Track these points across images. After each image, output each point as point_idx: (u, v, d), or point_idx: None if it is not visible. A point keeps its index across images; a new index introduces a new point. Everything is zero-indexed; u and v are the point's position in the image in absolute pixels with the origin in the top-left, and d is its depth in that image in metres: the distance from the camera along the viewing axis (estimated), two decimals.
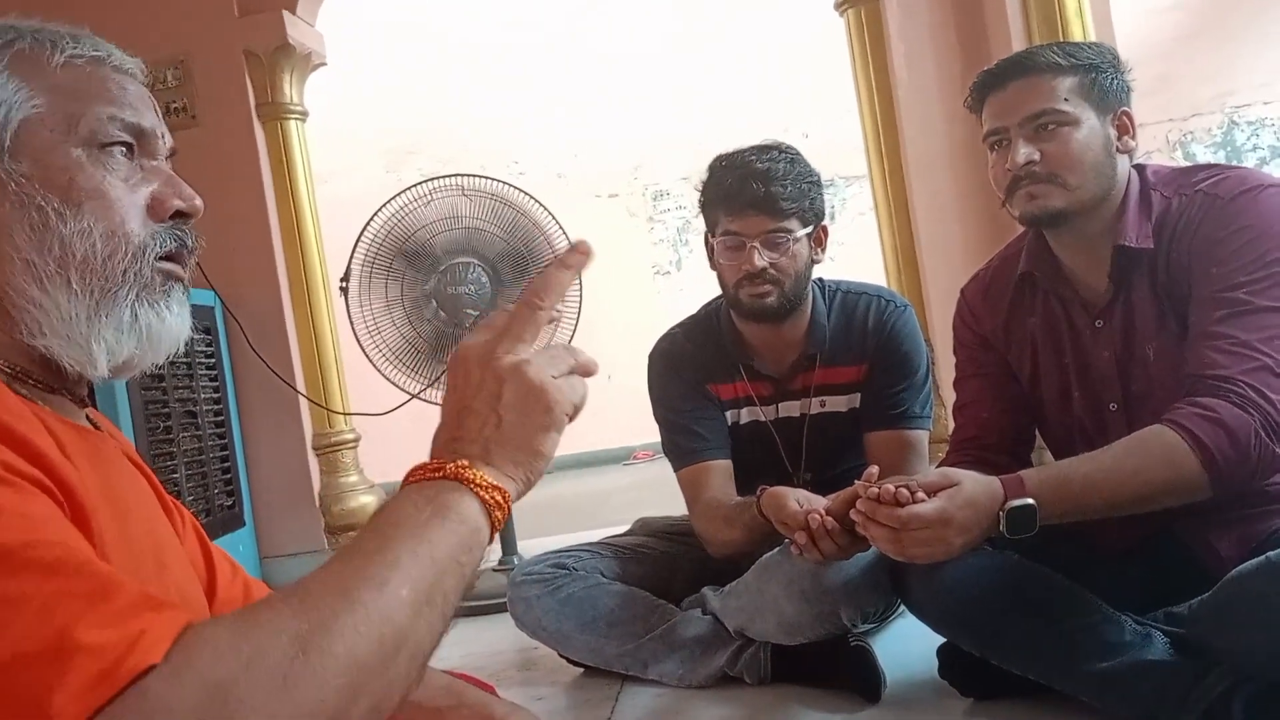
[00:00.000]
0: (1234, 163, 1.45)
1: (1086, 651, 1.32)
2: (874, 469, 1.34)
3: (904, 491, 1.21)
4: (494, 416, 0.65)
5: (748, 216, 1.67)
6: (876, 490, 1.23)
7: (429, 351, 2.60)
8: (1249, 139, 6.34)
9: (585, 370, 0.69)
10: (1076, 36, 2.53)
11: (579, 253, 0.72)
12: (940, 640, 1.48)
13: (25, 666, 0.48)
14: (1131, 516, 1.29)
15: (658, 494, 4.43)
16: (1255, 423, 1.18)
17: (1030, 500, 1.22)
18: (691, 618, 1.74)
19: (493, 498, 0.63)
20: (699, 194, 1.77)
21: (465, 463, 0.63)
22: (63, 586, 0.50)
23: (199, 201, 0.76)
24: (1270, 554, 1.18)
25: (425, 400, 2.62)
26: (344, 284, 2.56)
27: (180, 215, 0.75)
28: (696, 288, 6.24)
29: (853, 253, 5.13)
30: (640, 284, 6.31)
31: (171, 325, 0.74)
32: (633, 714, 1.63)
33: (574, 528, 3.66)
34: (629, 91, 6.23)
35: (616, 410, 5.88)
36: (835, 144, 5.62)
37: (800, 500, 1.43)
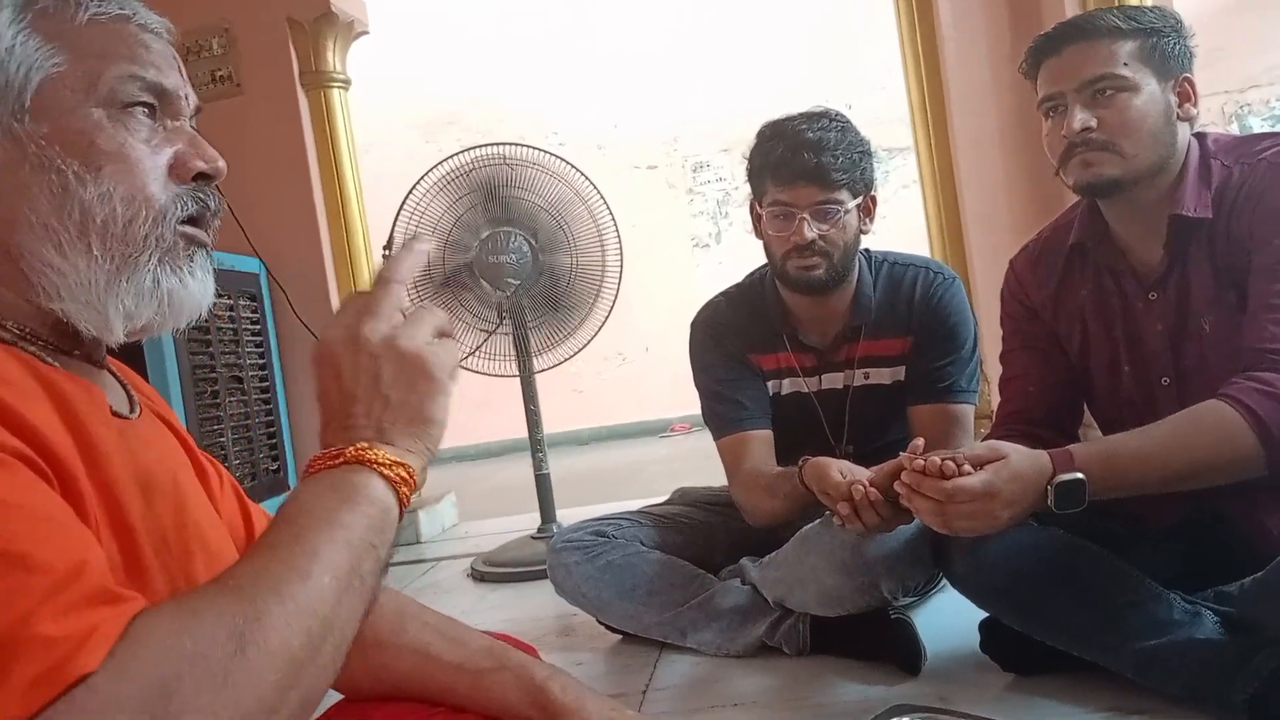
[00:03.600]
0: None
1: (1133, 629, 1.30)
2: (919, 441, 1.33)
3: (950, 464, 1.20)
4: (380, 397, 0.65)
5: (798, 187, 1.64)
6: (922, 462, 1.22)
7: (467, 314, 2.61)
8: None
9: (447, 330, 0.69)
10: (1132, 0, 2.46)
11: (423, 244, 0.73)
12: (982, 615, 1.47)
13: None
14: (1180, 493, 1.27)
15: (695, 466, 4.43)
16: None
17: (1079, 475, 1.20)
18: (730, 587, 1.74)
19: (397, 474, 0.63)
20: (746, 161, 1.75)
21: (364, 444, 0.63)
22: (18, 582, 0.50)
23: (222, 163, 0.74)
24: None
25: (466, 368, 2.64)
26: (386, 252, 2.58)
27: (203, 177, 0.73)
28: (735, 260, 6.20)
29: (896, 226, 5.04)
30: (679, 256, 6.28)
31: (194, 291, 0.73)
32: (670, 681, 1.64)
33: (611, 498, 3.68)
34: (669, 62, 6.18)
35: (654, 382, 5.92)
36: (879, 115, 5.52)
37: (843, 471, 1.42)
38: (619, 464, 5.24)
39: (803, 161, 1.63)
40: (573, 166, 2.56)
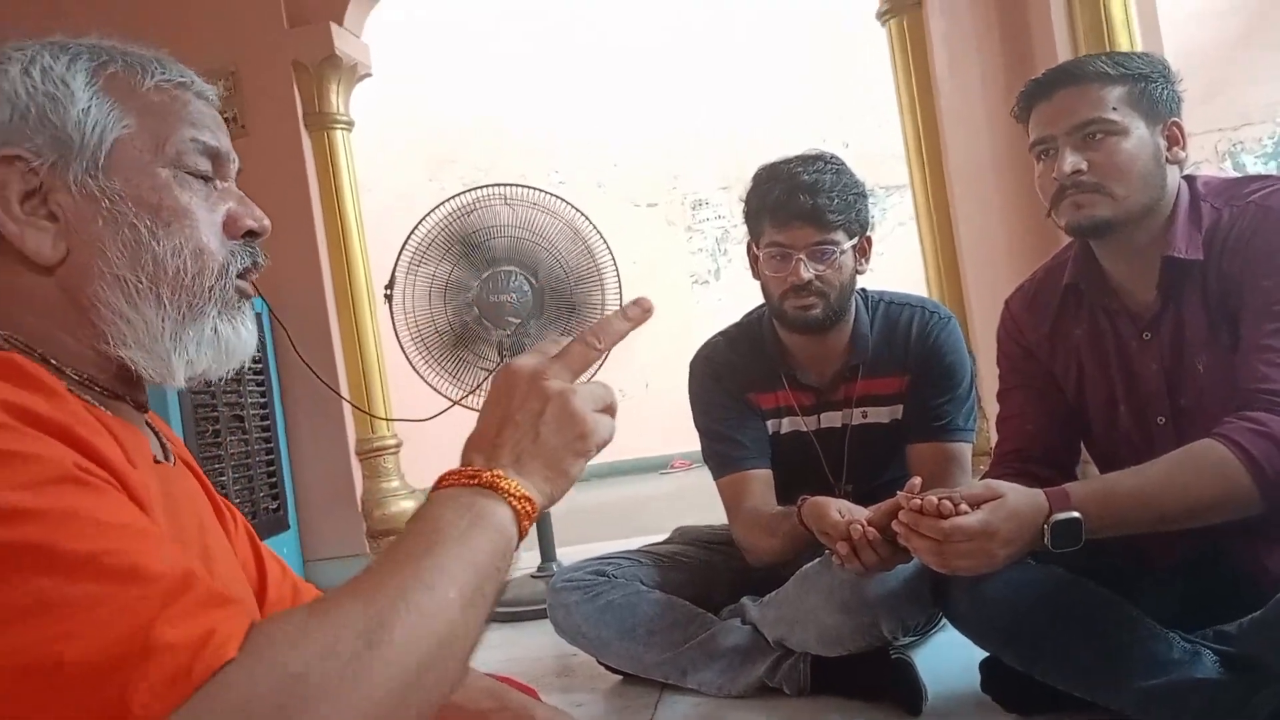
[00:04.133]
0: (1274, 174, 1.43)
1: (1133, 668, 1.30)
2: (916, 480, 1.34)
3: (947, 503, 1.21)
4: (533, 431, 0.68)
5: (794, 228, 1.67)
6: (919, 501, 1.23)
7: (467, 348, 2.63)
8: None
9: (611, 409, 0.73)
10: (1124, 44, 2.49)
11: (641, 308, 0.76)
12: (982, 654, 1.47)
13: (104, 668, 0.50)
14: (1178, 531, 1.27)
15: (695, 502, 4.42)
16: None
17: (1076, 514, 1.20)
18: (731, 627, 1.74)
19: (523, 507, 0.66)
20: (743, 204, 1.78)
21: (500, 473, 0.66)
22: (137, 591, 0.52)
23: (268, 221, 0.80)
24: None
25: (466, 407, 2.65)
26: (388, 292, 2.60)
27: (251, 234, 0.78)
28: (735, 297, 6.24)
29: (893, 263, 5.08)
30: (678, 293, 6.30)
31: (246, 339, 0.78)
32: None
33: (612, 535, 3.66)
34: (668, 101, 6.25)
35: (653, 418, 5.90)
36: (875, 153, 5.59)
37: (842, 510, 1.42)
38: (619, 500, 5.23)
39: (799, 203, 1.65)
40: (571, 205, 2.59)
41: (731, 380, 1.83)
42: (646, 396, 6.11)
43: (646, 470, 6.07)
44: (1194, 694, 1.25)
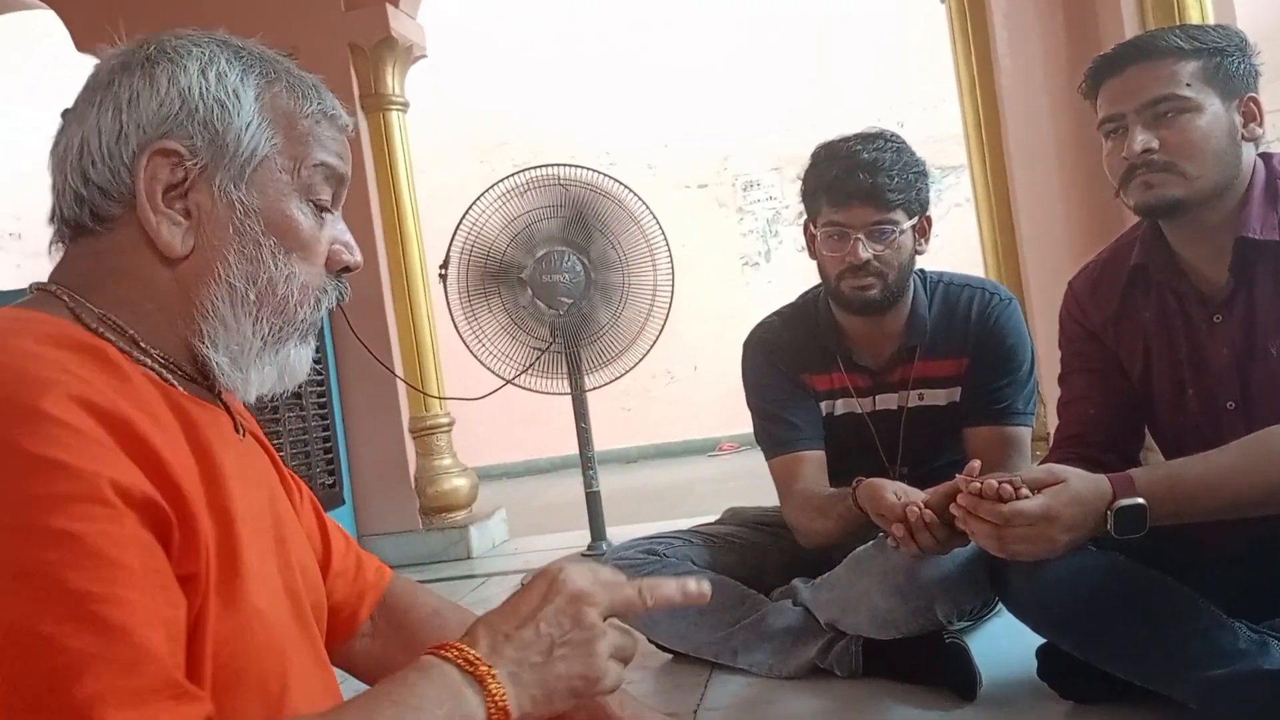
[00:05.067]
0: None
1: (1197, 658, 1.27)
2: (975, 463, 1.32)
3: (1007, 487, 1.19)
4: (548, 650, 0.68)
5: (853, 207, 1.65)
6: (979, 485, 1.21)
7: (519, 327, 2.65)
8: None
9: (628, 657, 0.73)
10: (1194, 19, 2.42)
11: (699, 591, 0.76)
12: (1039, 640, 1.44)
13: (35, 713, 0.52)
14: (1244, 519, 1.24)
15: (745, 485, 4.40)
16: None
17: (1140, 500, 1.18)
18: (782, 608, 1.74)
19: (498, 716, 0.65)
20: (800, 182, 1.76)
21: (495, 673, 0.66)
22: (103, 651, 0.54)
23: (361, 258, 0.82)
24: None
25: (518, 385, 2.67)
26: (443, 271, 2.63)
27: (346, 269, 0.81)
28: (785, 279, 6.20)
29: (949, 244, 5.01)
30: (728, 275, 6.29)
31: (306, 364, 0.81)
32: (722, 702, 1.63)
33: (660, 517, 3.68)
34: (720, 81, 6.21)
35: (702, 401, 5.92)
36: (931, 134, 5.49)
37: (898, 492, 1.41)
38: (668, 483, 5.25)
39: (858, 182, 1.63)
40: (626, 187, 2.59)
41: (786, 361, 1.82)
42: (695, 379, 6.12)
43: (694, 453, 6.07)
44: (1261, 685, 1.22)
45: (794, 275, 6.42)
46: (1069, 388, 1.55)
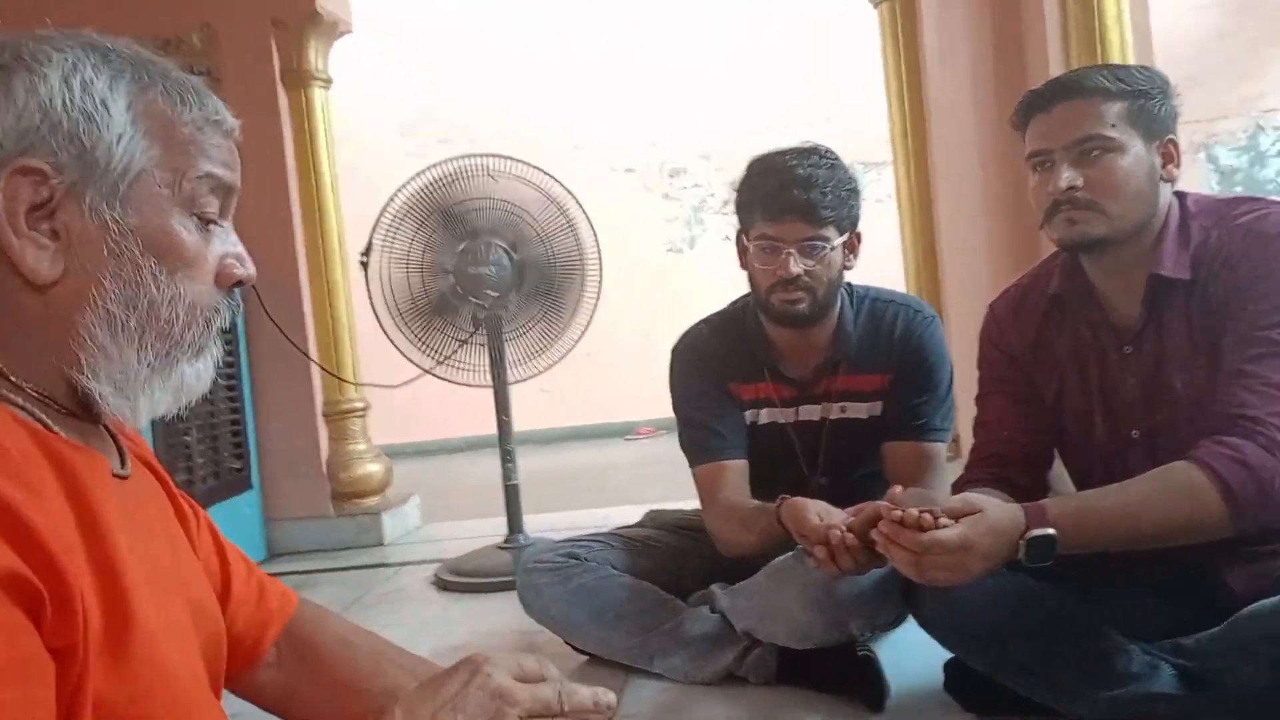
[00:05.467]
0: (1264, 196, 1.45)
1: (1095, 678, 1.33)
2: (898, 489, 1.35)
3: (927, 517, 1.21)
4: None
5: (785, 222, 1.66)
6: (900, 513, 1.23)
7: (441, 317, 2.60)
8: (1274, 144, 6.27)
9: None
10: (1114, 39, 2.49)
11: (609, 708, 0.77)
12: (947, 654, 1.49)
13: None
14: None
15: (660, 472, 4.45)
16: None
17: (1051, 531, 1.22)
18: (700, 615, 1.75)
19: None
20: (735, 193, 1.77)
21: None
22: None
23: (254, 269, 0.77)
24: None
25: (437, 376, 2.63)
26: (364, 259, 2.56)
27: (238, 283, 0.76)
28: (709, 267, 6.23)
29: (869, 239, 5.13)
30: (653, 260, 6.28)
31: (205, 380, 0.76)
32: (638, 708, 1.64)
33: (578, 504, 3.68)
34: (649, 64, 6.18)
35: (621, 385, 5.91)
36: (857, 128, 5.57)
37: (820, 514, 1.43)
38: (586, 466, 5.24)
39: (791, 198, 1.64)
40: (557, 182, 2.56)
41: (714, 369, 1.83)
42: (614, 363, 6.10)
43: (611, 435, 6.08)
44: (1150, 708, 1.29)
45: (717, 264, 6.47)
46: (986, 408, 1.59)
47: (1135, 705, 1.30)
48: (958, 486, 1.53)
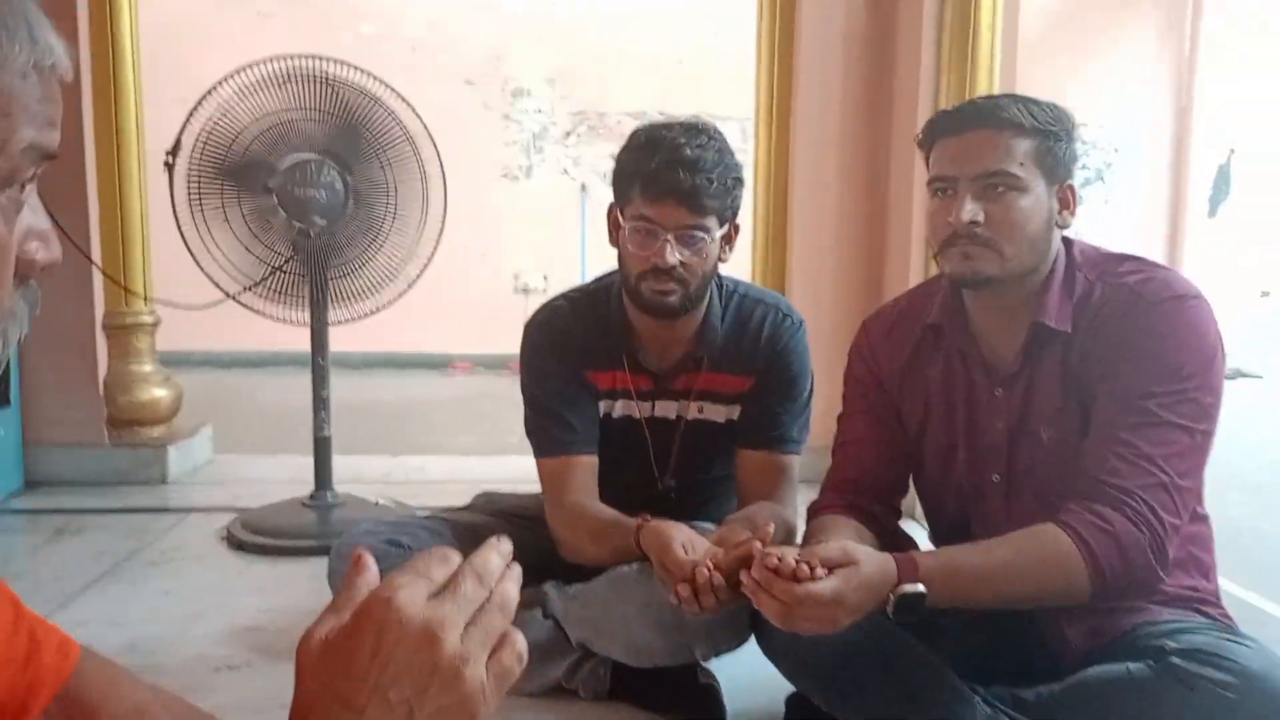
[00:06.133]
0: (1147, 258, 1.45)
1: None
2: (770, 529, 1.27)
3: (804, 568, 1.14)
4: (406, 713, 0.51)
5: (666, 206, 1.52)
6: (776, 560, 1.16)
7: (259, 245, 2.30)
8: (1081, 158, 6.68)
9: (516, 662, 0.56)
10: (985, 24, 2.50)
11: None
12: (790, 689, 1.45)
13: None
14: None
15: (479, 410, 4.27)
16: (1145, 542, 1.19)
17: (921, 588, 1.18)
18: (531, 620, 1.63)
19: None
20: (615, 161, 1.61)
21: None
22: None
23: (59, 252, 0.57)
24: (1130, 665, 1.20)
25: (245, 305, 2.33)
26: (170, 160, 2.21)
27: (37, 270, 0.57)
28: (543, 199, 6.00)
29: None
30: (487, 184, 5.96)
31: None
32: None
33: (392, 447, 3.47)
34: None
35: (441, 315, 5.63)
36: (711, 73, 5.47)
37: (686, 545, 1.33)
38: (400, 401, 4.96)
39: (676, 180, 1.50)
40: (404, 100, 2.30)
41: (572, 354, 1.68)
42: (435, 290, 5.80)
43: (426, 366, 5.81)
44: None
45: (553, 196, 6.26)
46: (848, 429, 1.54)
47: None
48: (812, 511, 1.49)
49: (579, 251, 5.89)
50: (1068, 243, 1.39)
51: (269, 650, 1.74)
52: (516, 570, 0.58)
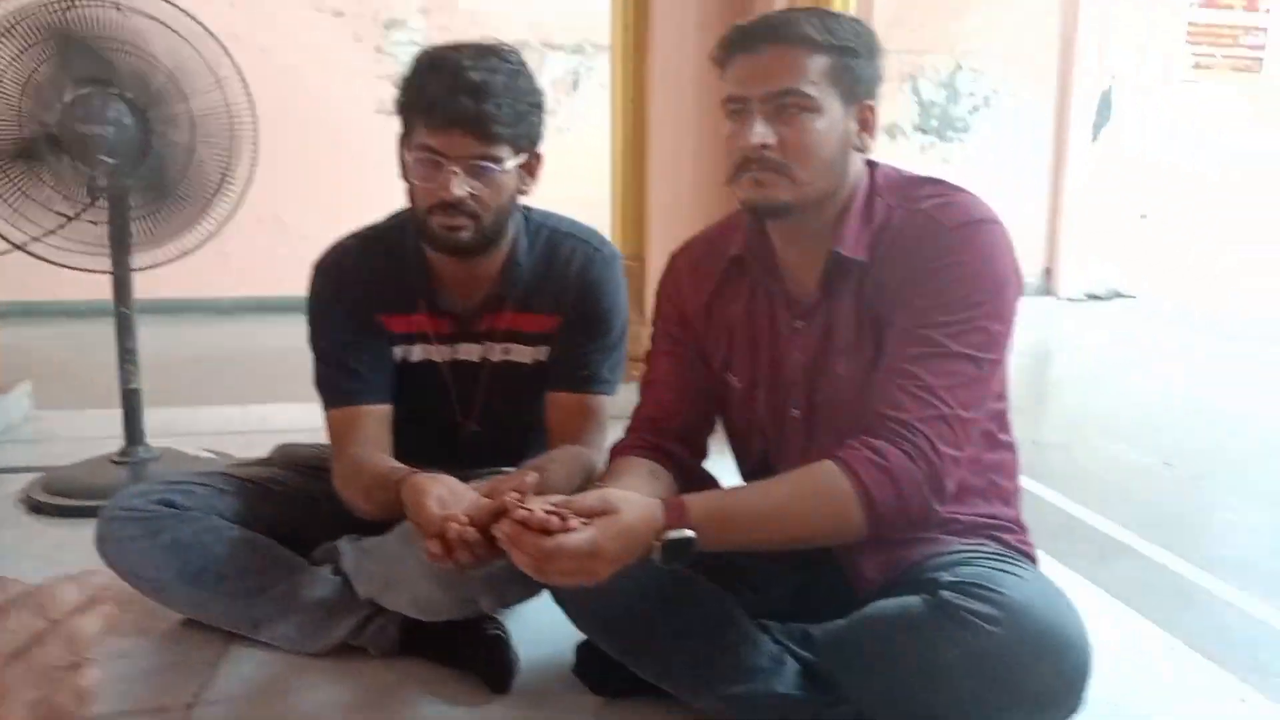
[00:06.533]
0: (948, 181, 1.39)
1: (721, 674, 1.28)
2: (531, 477, 1.19)
3: (554, 519, 1.06)
4: None
5: (452, 134, 1.39)
6: (524, 513, 1.07)
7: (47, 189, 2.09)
8: (970, 83, 6.73)
9: None
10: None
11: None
12: (581, 636, 1.39)
13: None
14: None
15: None
16: (921, 476, 1.14)
17: (690, 533, 1.11)
18: (318, 576, 1.54)
19: None
20: (398, 91, 1.47)
21: None
22: None
23: None
24: (907, 600, 1.16)
25: (33, 254, 2.13)
26: None
27: None
28: None
29: (586, 127, 4.97)
30: (358, 120, 5.68)
31: None
32: (229, 689, 1.42)
33: (238, 396, 3.29)
34: None
35: (298, 257, 5.37)
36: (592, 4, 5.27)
37: (443, 499, 1.24)
38: (263, 349, 4.73)
39: (460, 106, 1.37)
40: (207, 30, 2.10)
41: (358, 296, 1.55)
42: (308, 231, 5.55)
43: (296, 310, 5.55)
44: (771, 708, 1.25)
45: None
46: (653, 368, 1.47)
47: (756, 704, 1.27)
48: (615, 451, 1.41)
49: None
50: (871, 166, 1.32)
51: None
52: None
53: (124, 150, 2.03)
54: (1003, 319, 1.22)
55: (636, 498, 1.13)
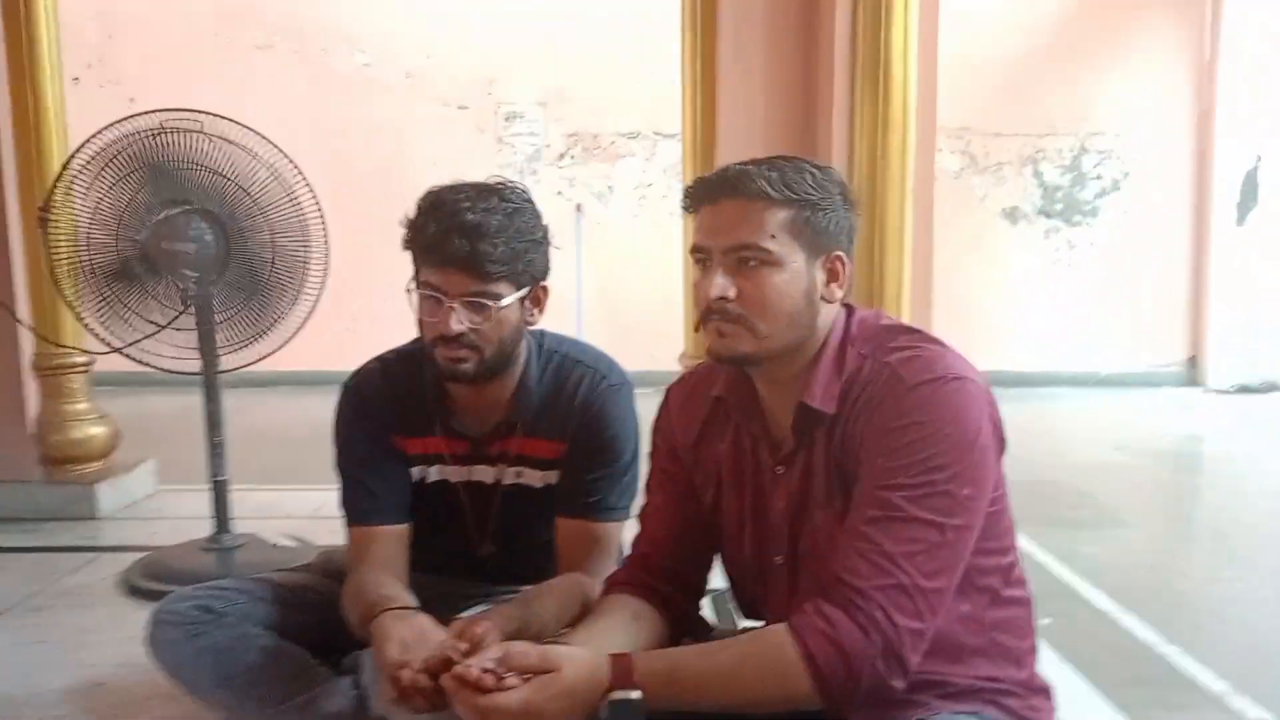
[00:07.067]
0: (923, 331, 1.35)
1: None
2: (480, 627, 1.22)
3: (488, 678, 1.09)
4: None
5: (449, 273, 1.47)
6: (461, 670, 1.10)
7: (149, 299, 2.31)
8: (1095, 165, 6.44)
9: None
10: (898, 39, 2.38)
11: None
12: None
13: None
14: None
15: None
16: (876, 649, 1.10)
17: (637, 695, 1.11)
18: (337, 688, 1.61)
19: None
20: (404, 229, 1.57)
21: None
22: None
23: None
24: None
25: (139, 361, 2.35)
26: (46, 214, 2.24)
27: None
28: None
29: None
30: None
31: None
32: None
33: (303, 478, 3.45)
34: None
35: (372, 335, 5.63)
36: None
37: (405, 642, 1.29)
38: (307, 421, 4.90)
39: (455, 247, 1.45)
40: (281, 151, 2.29)
41: (379, 419, 1.65)
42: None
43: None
44: None
45: (547, 217, 6.22)
46: (649, 502, 1.48)
47: None
48: (608, 583, 1.43)
49: (575, 271, 5.87)
50: (850, 311, 1.31)
51: (94, 712, 1.73)
52: None
53: (205, 263, 2.22)
54: (973, 482, 1.17)
55: (581, 654, 1.14)
